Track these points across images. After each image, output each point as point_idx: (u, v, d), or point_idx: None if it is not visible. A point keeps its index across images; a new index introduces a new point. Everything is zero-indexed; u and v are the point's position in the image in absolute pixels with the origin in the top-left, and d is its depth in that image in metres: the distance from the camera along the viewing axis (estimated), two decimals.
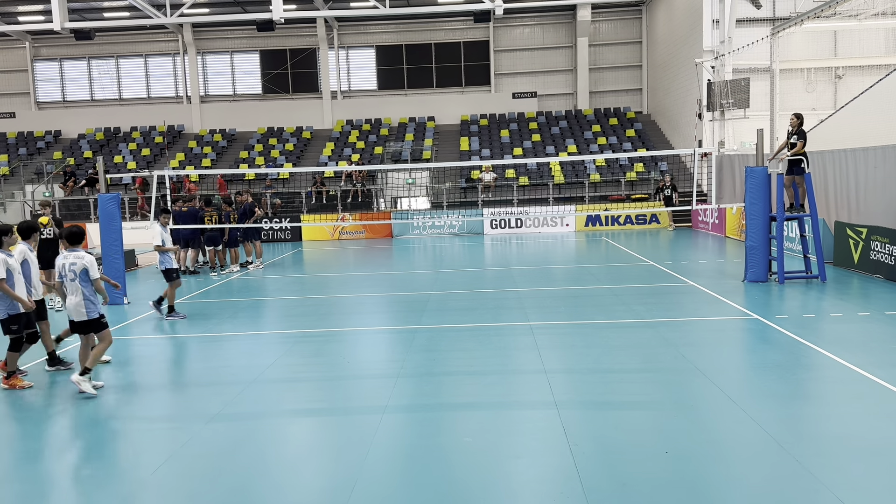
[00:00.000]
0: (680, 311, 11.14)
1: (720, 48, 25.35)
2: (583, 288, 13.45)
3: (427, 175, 29.30)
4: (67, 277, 7.74)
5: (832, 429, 6.03)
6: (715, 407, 6.63)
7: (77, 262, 7.71)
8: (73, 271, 7.69)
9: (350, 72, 36.58)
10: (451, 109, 35.54)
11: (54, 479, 5.67)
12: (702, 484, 5.09)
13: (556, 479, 5.21)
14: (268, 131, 35.54)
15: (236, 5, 31.99)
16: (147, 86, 37.30)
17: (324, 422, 6.83)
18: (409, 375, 7.99)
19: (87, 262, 7.73)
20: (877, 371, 7.41)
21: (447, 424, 6.48)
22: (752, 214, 13.24)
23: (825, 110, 25.42)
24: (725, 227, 21.80)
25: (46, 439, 6.51)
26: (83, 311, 7.77)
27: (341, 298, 12.95)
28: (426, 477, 5.39)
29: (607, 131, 32.88)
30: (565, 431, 6.09)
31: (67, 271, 7.72)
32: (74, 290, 7.73)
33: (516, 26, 35.67)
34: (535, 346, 9.00)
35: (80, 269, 7.71)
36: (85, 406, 7.33)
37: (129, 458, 6.02)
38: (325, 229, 25.59)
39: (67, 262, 7.74)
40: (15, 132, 36.40)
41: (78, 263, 7.71)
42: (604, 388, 7.37)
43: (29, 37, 36.17)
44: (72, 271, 7.70)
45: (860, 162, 14.44)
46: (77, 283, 7.72)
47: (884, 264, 12.93)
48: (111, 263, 13.29)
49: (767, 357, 8.32)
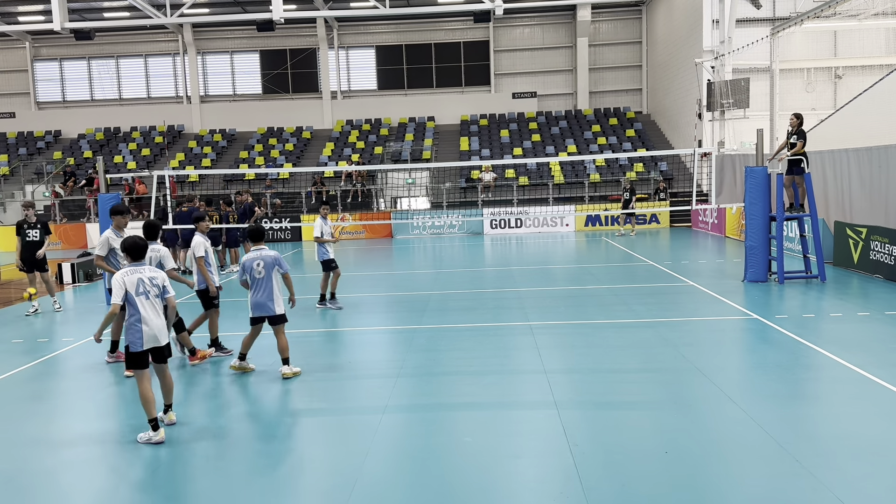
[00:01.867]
0: (680, 311, 11.14)
1: (720, 48, 25.35)
2: (583, 288, 13.45)
3: (427, 175, 29.30)
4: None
5: (832, 429, 6.03)
6: (715, 407, 6.63)
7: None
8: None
9: (350, 72, 36.58)
10: (451, 109, 35.54)
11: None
12: (702, 484, 5.09)
13: (556, 479, 5.22)
14: (268, 131, 35.54)
15: (236, 5, 31.99)
16: (147, 86, 37.30)
17: (323, 421, 6.83)
18: (409, 375, 7.99)
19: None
20: (877, 371, 7.41)
21: (447, 424, 6.48)
22: (752, 214, 13.24)
23: (825, 110, 25.41)
24: (725, 227, 21.80)
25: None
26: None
27: (341, 298, 12.94)
28: (426, 477, 5.39)
29: (607, 131, 32.87)
30: (565, 431, 6.09)
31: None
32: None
33: (516, 26, 35.67)
34: (535, 346, 9.00)
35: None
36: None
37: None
38: None
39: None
40: (15, 132, 36.40)
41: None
42: (604, 388, 7.37)
43: (29, 37, 36.17)
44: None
45: (860, 162, 14.44)
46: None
47: (884, 264, 12.93)
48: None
49: (767, 357, 8.32)
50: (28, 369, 8.86)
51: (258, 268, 7.90)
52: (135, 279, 6.25)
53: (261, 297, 7.92)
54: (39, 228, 12.63)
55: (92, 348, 9.93)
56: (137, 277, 6.27)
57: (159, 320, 6.34)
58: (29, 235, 12.55)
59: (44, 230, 12.67)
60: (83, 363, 9.20)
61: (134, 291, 6.20)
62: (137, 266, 6.35)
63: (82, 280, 16.41)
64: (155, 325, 6.29)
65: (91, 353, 9.67)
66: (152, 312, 6.27)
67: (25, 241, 12.52)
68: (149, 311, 6.24)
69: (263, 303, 7.92)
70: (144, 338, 6.23)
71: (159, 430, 6.21)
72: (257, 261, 7.92)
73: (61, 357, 9.49)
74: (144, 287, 6.26)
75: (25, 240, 12.52)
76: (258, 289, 7.92)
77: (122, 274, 6.26)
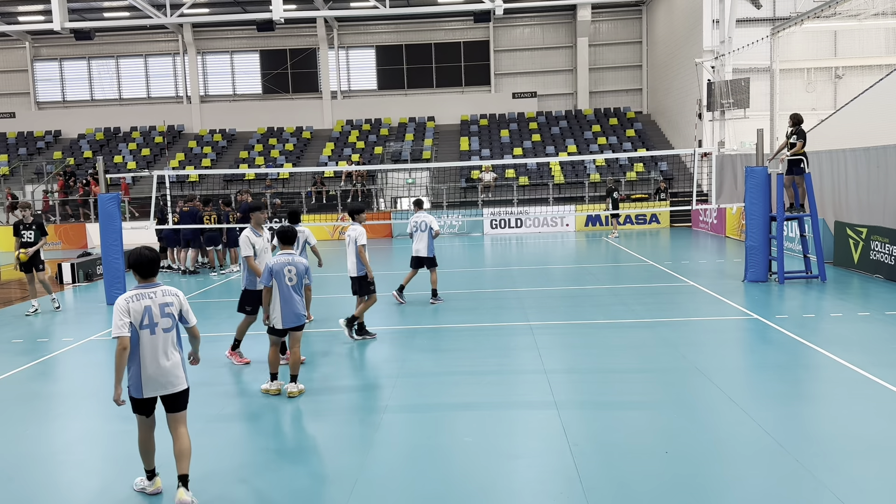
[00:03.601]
0: (680, 311, 11.14)
1: (720, 48, 25.35)
2: (583, 288, 13.45)
3: (427, 175, 29.30)
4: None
5: (832, 429, 6.03)
6: (715, 407, 6.63)
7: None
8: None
9: (350, 72, 36.58)
10: (451, 109, 35.54)
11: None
12: (702, 484, 5.09)
13: (556, 479, 5.21)
14: (268, 131, 35.54)
15: (236, 5, 31.99)
16: (147, 86, 37.31)
17: (323, 421, 6.82)
18: (409, 375, 7.99)
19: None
20: (877, 371, 7.41)
21: (447, 424, 6.47)
22: (752, 214, 13.23)
23: (825, 110, 25.41)
24: (725, 227, 21.80)
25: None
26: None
27: (341, 298, 12.93)
28: (426, 477, 5.39)
29: (607, 131, 32.87)
30: (565, 431, 6.09)
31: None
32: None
33: (516, 26, 35.67)
34: (535, 346, 9.00)
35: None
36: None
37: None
38: (325, 229, 25.59)
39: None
40: (15, 132, 36.41)
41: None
42: (604, 388, 7.36)
43: (29, 37, 36.17)
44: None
45: (860, 162, 14.43)
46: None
47: (884, 264, 12.93)
48: (111, 263, 13.29)
49: (767, 357, 8.32)
50: (28, 369, 8.85)
51: (290, 274, 7.25)
52: (141, 307, 4.87)
53: (293, 306, 7.28)
54: (35, 230, 12.71)
55: (92, 348, 9.93)
56: (145, 305, 4.88)
57: (167, 362, 4.94)
58: (24, 236, 12.63)
59: (39, 231, 12.75)
60: (83, 363, 9.20)
61: (138, 323, 4.85)
62: (149, 287, 4.97)
63: (82, 280, 16.41)
64: (160, 369, 4.92)
65: (91, 353, 9.68)
66: (158, 352, 4.90)
67: (22, 242, 12.60)
68: (152, 350, 4.88)
69: (298, 312, 7.32)
70: (145, 385, 4.91)
71: (155, 480, 5.19)
72: (288, 266, 7.27)
73: (61, 357, 9.49)
74: (151, 318, 4.88)
75: (21, 240, 12.60)
76: (288, 298, 7.25)
77: (127, 299, 4.88)
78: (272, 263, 7.30)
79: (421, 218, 12.32)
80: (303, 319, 7.39)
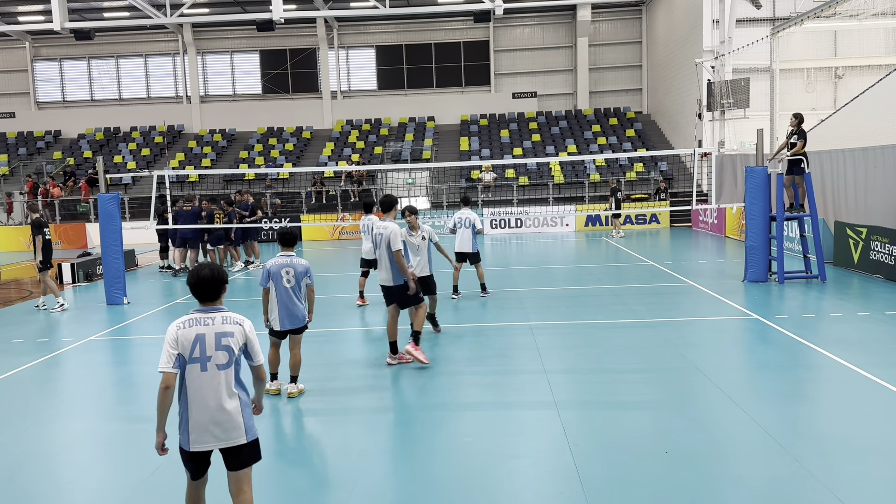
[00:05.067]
0: (680, 311, 11.14)
1: (720, 48, 25.35)
2: (583, 288, 13.45)
3: (427, 175, 29.30)
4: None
5: (832, 429, 6.03)
6: (715, 407, 6.62)
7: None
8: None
9: (350, 72, 36.58)
10: (450, 109, 35.54)
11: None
12: (702, 484, 5.09)
13: (556, 479, 5.21)
14: (268, 131, 35.54)
15: (236, 5, 31.99)
16: (147, 86, 37.31)
17: (323, 421, 6.82)
18: (409, 376, 7.99)
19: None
20: (877, 371, 7.41)
21: (447, 424, 6.47)
22: (752, 214, 13.23)
23: (825, 110, 25.41)
24: (725, 227, 21.80)
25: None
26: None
27: (341, 298, 12.95)
28: (426, 477, 5.39)
29: (607, 131, 32.87)
30: (565, 431, 6.09)
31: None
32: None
33: (516, 26, 35.67)
34: (535, 346, 9.00)
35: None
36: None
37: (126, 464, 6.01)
38: (325, 229, 25.59)
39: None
40: (15, 132, 36.41)
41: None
42: (604, 388, 7.36)
43: (29, 37, 36.18)
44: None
45: (860, 162, 14.44)
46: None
47: (884, 264, 12.93)
48: (111, 263, 13.29)
49: (767, 357, 8.32)
50: (28, 369, 8.85)
51: (287, 276, 7.10)
52: (192, 335, 3.95)
53: (291, 308, 7.14)
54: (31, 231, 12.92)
55: (92, 348, 9.93)
56: (197, 333, 3.95)
57: (221, 406, 3.94)
58: (46, 234, 12.82)
59: (35, 230, 12.86)
60: (83, 363, 9.20)
61: (188, 355, 3.92)
62: (207, 312, 4.04)
63: (82, 280, 16.41)
64: (212, 415, 3.94)
65: (91, 353, 9.68)
66: (208, 393, 3.93)
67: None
68: (201, 391, 3.93)
69: (297, 315, 7.19)
70: (192, 434, 3.94)
71: None
72: (286, 268, 7.12)
73: (61, 357, 9.48)
74: (203, 350, 3.94)
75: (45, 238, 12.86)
76: (285, 300, 7.11)
77: (178, 325, 3.98)
78: (270, 265, 7.17)
79: (465, 214, 12.54)
80: (302, 322, 7.30)
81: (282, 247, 7.34)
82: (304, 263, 7.27)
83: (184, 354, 3.91)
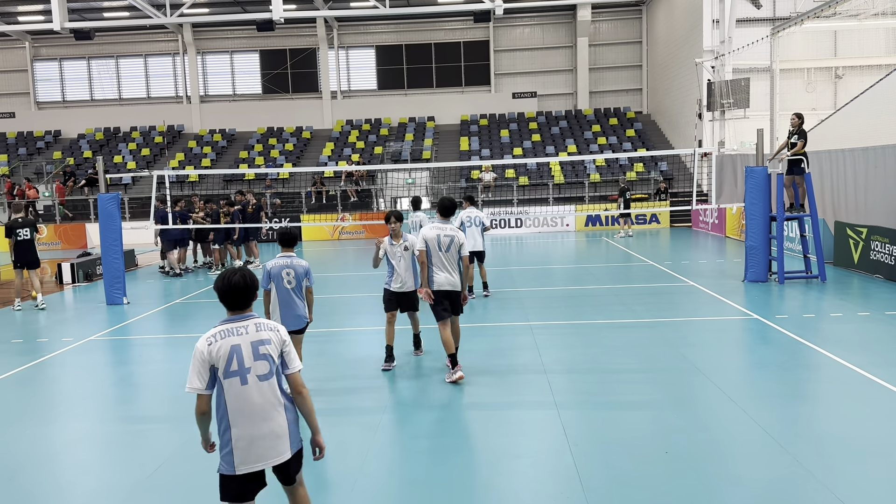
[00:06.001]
0: (680, 311, 11.13)
1: (720, 48, 25.35)
2: (583, 288, 13.45)
3: (427, 175, 29.30)
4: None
5: (832, 429, 6.03)
6: (715, 407, 6.62)
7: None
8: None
9: (350, 72, 36.58)
10: (450, 109, 35.54)
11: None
12: (702, 484, 5.08)
13: (556, 479, 5.21)
14: (268, 131, 35.54)
15: (236, 5, 31.99)
16: (147, 86, 37.32)
17: (323, 421, 6.80)
18: (409, 375, 7.99)
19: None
20: (877, 371, 7.41)
21: (448, 424, 6.47)
22: (752, 214, 13.23)
23: (825, 110, 25.42)
24: (725, 227, 21.80)
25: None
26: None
27: (341, 298, 12.95)
28: (426, 477, 5.39)
29: (607, 131, 32.88)
30: (565, 431, 6.09)
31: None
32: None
33: (516, 26, 35.67)
34: (535, 346, 8.99)
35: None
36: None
37: (123, 462, 6.02)
38: (325, 229, 25.59)
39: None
40: (15, 132, 36.41)
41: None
42: (604, 388, 7.36)
43: (29, 37, 36.17)
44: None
45: (860, 162, 14.44)
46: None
47: (884, 264, 12.93)
48: (111, 263, 13.29)
49: (767, 357, 8.31)
50: (28, 369, 8.85)
51: (288, 277, 7.04)
52: (226, 347, 3.63)
53: (293, 309, 7.11)
54: (28, 228, 13.09)
55: (91, 349, 9.92)
56: (232, 345, 3.64)
57: (269, 421, 3.67)
58: (20, 235, 12.97)
59: (7, 231, 13.12)
60: (83, 363, 9.19)
61: (223, 369, 3.61)
62: (239, 321, 3.74)
63: (82, 280, 16.41)
64: (259, 432, 3.66)
65: (91, 353, 9.68)
66: (254, 409, 3.65)
67: (17, 241, 13.03)
68: (244, 407, 3.63)
69: (298, 315, 7.15)
70: (238, 457, 3.64)
71: None
72: (286, 269, 7.05)
73: (61, 357, 9.48)
74: (241, 362, 3.63)
75: (17, 239, 13.03)
76: (287, 300, 7.06)
77: (208, 340, 3.65)
78: (270, 266, 7.09)
79: (474, 213, 12.43)
80: (303, 322, 7.28)
81: (282, 247, 7.28)
82: (304, 264, 7.23)
83: (219, 370, 3.60)
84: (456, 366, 7.68)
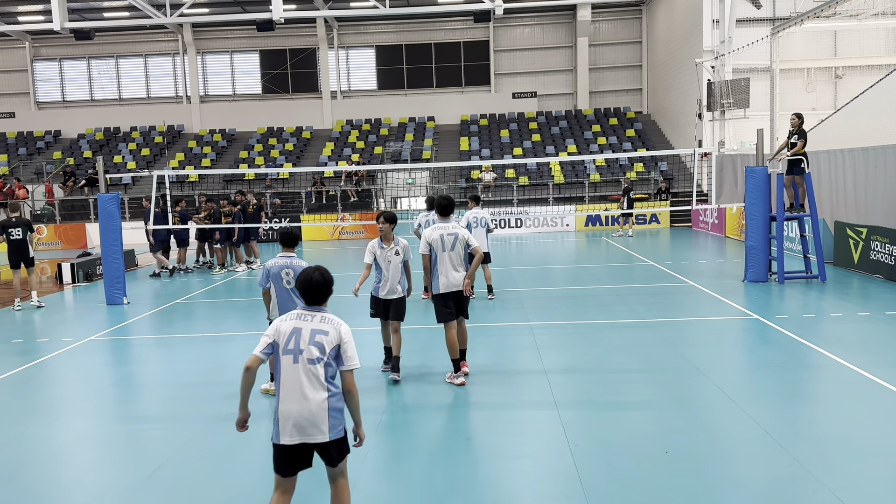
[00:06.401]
0: (680, 311, 11.14)
1: (720, 48, 25.35)
2: (583, 288, 13.45)
3: (427, 175, 29.30)
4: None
5: (832, 429, 6.03)
6: (715, 407, 6.62)
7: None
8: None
9: (350, 72, 36.58)
10: (450, 109, 35.53)
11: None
12: (702, 484, 5.08)
13: (556, 479, 5.21)
14: (268, 131, 35.54)
15: (236, 5, 31.98)
16: (147, 86, 37.31)
17: None
18: (410, 375, 7.99)
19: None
20: (877, 371, 7.40)
21: (448, 424, 6.47)
22: (752, 214, 13.23)
23: (825, 110, 25.41)
24: (725, 227, 21.80)
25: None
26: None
27: (341, 298, 12.93)
28: (426, 477, 5.38)
29: (607, 131, 32.87)
30: (565, 431, 6.09)
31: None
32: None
33: (516, 26, 35.67)
34: (535, 346, 9.00)
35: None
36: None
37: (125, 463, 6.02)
38: (325, 229, 25.59)
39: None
40: (15, 132, 36.40)
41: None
42: (604, 388, 7.36)
43: (29, 37, 36.17)
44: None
45: (860, 162, 14.43)
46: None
47: (884, 264, 12.93)
48: (111, 263, 13.29)
49: (767, 357, 8.31)
50: (28, 369, 8.85)
51: (287, 277, 6.95)
52: (290, 327, 4.10)
53: (291, 308, 6.66)
54: (22, 228, 13.10)
55: (91, 349, 9.92)
56: (295, 326, 4.10)
57: (311, 399, 4.00)
58: (12, 234, 13.00)
59: (29, 227, 13.15)
60: (83, 363, 9.19)
61: (283, 345, 4.08)
62: (310, 310, 4.18)
63: (82, 280, 16.40)
64: (301, 406, 3.99)
65: (91, 353, 9.67)
66: (301, 384, 4.00)
67: (10, 240, 13.07)
68: (293, 381, 4.01)
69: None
70: (282, 424, 4.02)
71: None
72: (286, 269, 6.96)
73: (61, 357, 9.48)
74: (298, 342, 4.06)
75: (9, 238, 13.09)
76: (286, 300, 6.96)
77: (280, 319, 4.20)
78: (270, 266, 7.02)
79: (479, 214, 12.38)
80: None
81: (283, 247, 7.23)
82: (304, 265, 7.10)
83: (279, 343, 4.07)
84: (459, 371, 7.61)
